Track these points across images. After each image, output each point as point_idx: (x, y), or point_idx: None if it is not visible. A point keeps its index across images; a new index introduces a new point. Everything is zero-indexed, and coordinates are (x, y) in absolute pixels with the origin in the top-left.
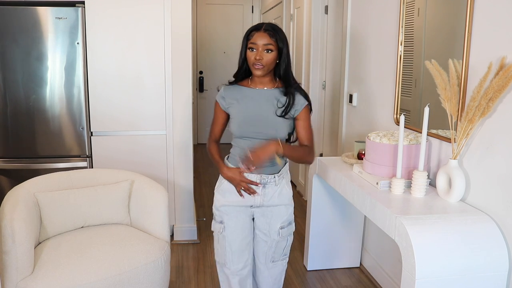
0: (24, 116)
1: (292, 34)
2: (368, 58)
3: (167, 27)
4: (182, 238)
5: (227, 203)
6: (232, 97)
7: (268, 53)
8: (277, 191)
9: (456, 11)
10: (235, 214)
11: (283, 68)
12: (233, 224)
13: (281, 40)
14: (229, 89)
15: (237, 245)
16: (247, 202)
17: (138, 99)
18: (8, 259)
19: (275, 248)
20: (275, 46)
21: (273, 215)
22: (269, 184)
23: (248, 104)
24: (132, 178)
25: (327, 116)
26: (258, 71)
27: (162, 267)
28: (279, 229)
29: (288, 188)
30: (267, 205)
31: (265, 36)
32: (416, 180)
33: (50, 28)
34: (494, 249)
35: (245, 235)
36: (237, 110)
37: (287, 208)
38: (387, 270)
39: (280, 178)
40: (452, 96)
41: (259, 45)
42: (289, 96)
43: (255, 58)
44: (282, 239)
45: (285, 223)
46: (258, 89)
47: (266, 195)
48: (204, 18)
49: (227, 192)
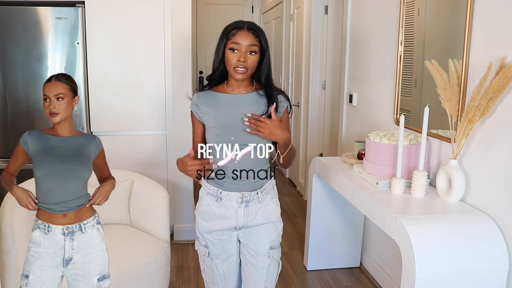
0: (24, 116)
1: (292, 34)
2: (368, 58)
3: (167, 27)
4: (182, 238)
5: (209, 230)
6: (206, 105)
7: (252, 55)
8: (261, 209)
9: (456, 11)
10: (219, 240)
11: (265, 72)
12: (217, 251)
13: (264, 41)
14: (203, 95)
15: (224, 269)
16: (229, 224)
17: (138, 99)
18: (8, 259)
19: (267, 275)
20: (259, 48)
21: (260, 233)
22: (251, 202)
23: (226, 111)
24: (132, 178)
25: (327, 116)
26: (240, 75)
27: (162, 267)
28: (269, 249)
29: (274, 204)
30: (251, 225)
31: (249, 36)
32: (416, 180)
33: (50, 28)
34: (494, 249)
35: (233, 260)
36: (213, 119)
37: (275, 226)
38: (387, 270)
39: (263, 193)
40: (452, 96)
41: (243, 46)
42: (272, 100)
43: (238, 60)
44: (273, 263)
45: (274, 242)
46: (236, 94)
47: (249, 214)
48: (204, 18)
49: (207, 215)
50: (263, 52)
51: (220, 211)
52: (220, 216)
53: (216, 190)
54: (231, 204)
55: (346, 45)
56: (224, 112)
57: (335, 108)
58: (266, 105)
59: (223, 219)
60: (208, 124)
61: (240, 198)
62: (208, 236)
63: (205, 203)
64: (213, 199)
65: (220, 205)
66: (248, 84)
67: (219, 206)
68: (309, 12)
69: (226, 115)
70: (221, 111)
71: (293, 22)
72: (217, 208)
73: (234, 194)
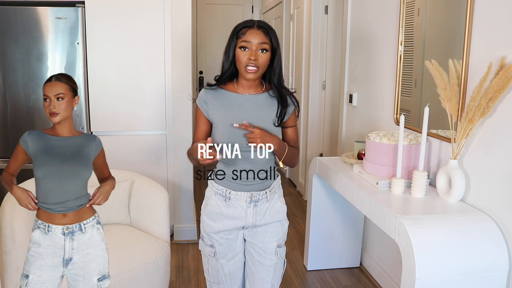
0: (24, 116)
1: (292, 34)
2: (368, 58)
3: (167, 26)
4: (182, 238)
5: (216, 230)
6: (216, 103)
7: (263, 53)
8: (269, 208)
9: (456, 11)
10: (225, 240)
11: (277, 72)
12: (224, 251)
13: (275, 40)
14: (213, 93)
15: (229, 268)
16: (237, 223)
17: (138, 99)
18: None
19: (274, 272)
20: (270, 46)
21: (267, 233)
22: (260, 201)
23: (237, 112)
24: (132, 178)
25: (327, 116)
26: (251, 74)
27: (162, 267)
28: (276, 247)
29: (281, 203)
30: (259, 224)
31: (260, 34)
32: (416, 180)
33: (50, 28)
34: (494, 249)
35: (238, 259)
36: (223, 119)
37: (282, 224)
38: (387, 270)
39: (271, 193)
40: (452, 96)
41: (253, 44)
42: (283, 103)
43: (249, 59)
44: (280, 260)
45: (281, 240)
46: (247, 95)
47: (258, 214)
48: (204, 18)
49: (215, 215)
50: (274, 51)
51: (229, 211)
52: (229, 216)
53: (225, 190)
54: (240, 204)
55: (346, 45)
56: (235, 113)
57: (335, 108)
58: (277, 106)
59: (231, 219)
60: (216, 124)
61: (249, 198)
62: (215, 236)
63: (213, 203)
64: (222, 199)
65: (228, 205)
66: (258, 85)
67: (228, 206)
68: (309, 12)
69: (237, 116)
70: (232, 111)
71: (293, 22)
72: (225, 208)
73: (243, 194)
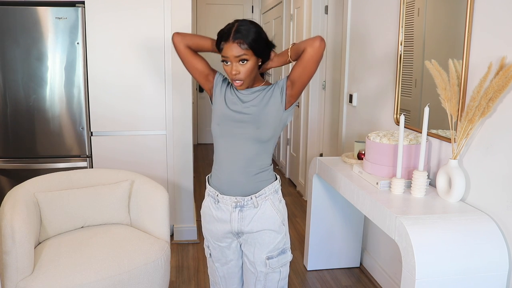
0: (24, 116)
1: (292, 34)
2: (368, 58)
3: (167, 27)
4: (182, 238)
5: (209, 232)
6: (223, 94)
7: (244, 63)
8: (257, 214)
9: (456, 11)
10: (218, 246)
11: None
12: (217, 255)
13: (254, 42)
14: (227, 83)
15: (224, 272)
16: (225, 227)
17: (138, 99)
18: (8, 259)
19: (264, 281)
20: (250, 52)
21: (257, 242)
22: (246, 207)
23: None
24: (132, 178)
25: (327, 116)
26: (240, 87)
27: (162, 267)
28: (266, 259)
29: (275, 211)
30: (246, 231)
31: (235, 47)
32: (416, 180)
33: (50, 28)
34: (494, 249)
35: (232, 264)
36: (222, 107)
37: (274, 234)
38: (387, 270)
39: (260, 198)
40: (452, 96)
41: (231, 58)
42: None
43: (231, 73)
44: (272, 271)
45: (273, 252)
46: (247, 95)
47: (243, 219)
48: (204, 18)
49: (207, 216)
50: (259, 52)
51: (217, 213)
52: (218, 219)
53: (214, 192)
54: (227, 208)
55: (346, 45)
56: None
57: (335, 108)
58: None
59: (220, 221)
60: (215, 105)
61: (234, 203)
62: (210, 238)
63: (206, 204)
64: (212, 201)
65: (217, 207)
66: (258, 80)
67: (217, 209)
68: (309, 12)
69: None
70: (234, 106)
71: (293, 22)
72: (215, 210)
73: (229, 198)
